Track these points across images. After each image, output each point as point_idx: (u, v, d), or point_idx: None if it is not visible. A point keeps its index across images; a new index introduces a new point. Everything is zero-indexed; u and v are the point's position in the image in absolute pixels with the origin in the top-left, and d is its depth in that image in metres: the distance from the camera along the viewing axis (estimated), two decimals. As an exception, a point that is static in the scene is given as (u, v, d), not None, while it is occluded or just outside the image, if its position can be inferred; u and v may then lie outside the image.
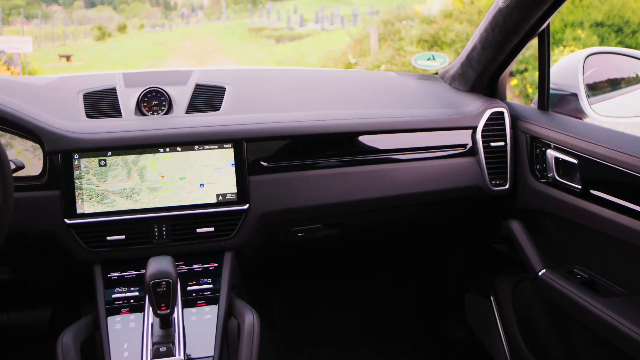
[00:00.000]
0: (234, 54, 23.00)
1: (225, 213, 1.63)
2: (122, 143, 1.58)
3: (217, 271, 1.62)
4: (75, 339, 1.41)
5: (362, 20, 20.68)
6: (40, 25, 32.51)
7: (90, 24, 39.15)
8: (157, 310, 1.35)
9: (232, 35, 32.17)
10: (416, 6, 12.61)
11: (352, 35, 13.81)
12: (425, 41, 10.53)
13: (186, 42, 29.56)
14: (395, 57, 10.27)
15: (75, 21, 40.35)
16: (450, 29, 10.37)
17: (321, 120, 1.73)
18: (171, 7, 60.84)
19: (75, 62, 20.82)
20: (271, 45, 25.90)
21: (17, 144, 1.59)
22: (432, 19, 11.26)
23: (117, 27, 38.52)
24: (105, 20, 42.78)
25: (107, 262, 1.61)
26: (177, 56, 23.06)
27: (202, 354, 1.41)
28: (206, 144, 1.62)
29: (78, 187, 1.56)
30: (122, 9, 56.46)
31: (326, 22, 32.07)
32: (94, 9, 54.49)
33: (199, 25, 44.85)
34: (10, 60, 10.23)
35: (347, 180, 1.75)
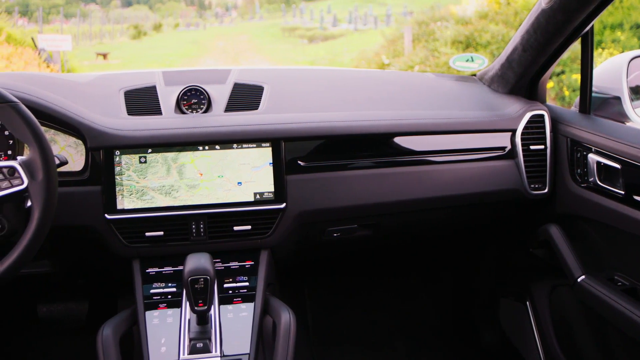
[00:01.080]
0: (266, 54, 23.11)
1: (262, 212, 1.64)
2: (162, 140, 1.60)
3: (253, 269, 1.63)
4: (114, 332, 1.43)
5: (396, 21, 20.56)
6: (79, 24, 33.15)
7: (127, 22, 39.77)
8: (194, 306, 1.37)
9: (265, 34, 32.34)
10: (451, 7, 12.51)
11: (385, 35, 13.75)
12: (460, 42, 10.42)
13: (220, 42, 29.80)
14: (429, 58, 10.19)
15: (112, 20, 41.05)
16: (486, 30, 10.24)
17: (359, 121, 1.73)
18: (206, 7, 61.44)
19: (112, 60, 21.17)
20: (304, 45, 25.96)
21: (61, 139, 1.62)
22: (467, 20, 11.14)
23: (152, 26, 39.07)
24: (141, 19, 43.40)
25: (146, 258, 1.63)
26: (210, 55, 23.27)
27: (238, 351, 1.42)
28: (245, 143, 1.64)
29: (119, 183, 1.59)
30: (158, 8, 57.22)
31: (359, 22, 32.00)
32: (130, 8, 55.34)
33: (232, 24, 45.22)
34: (50, 58, 10.47)
35: (383, 181, 1.75)
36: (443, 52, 10.09)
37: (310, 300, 2.53)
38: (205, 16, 53.75)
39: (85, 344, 2.28)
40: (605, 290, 1.58)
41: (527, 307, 2.13)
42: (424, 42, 11.20)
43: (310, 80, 2.00)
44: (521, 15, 10.31)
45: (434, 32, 11.22)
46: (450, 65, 2.25)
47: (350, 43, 21.84)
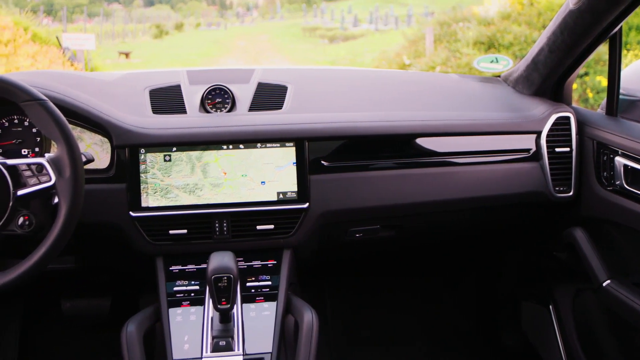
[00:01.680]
0: (287, 54, 23.16)
1: (285, 211, 1.65)
2: (187, 139, 1.61)
3: (276, 268, 1.63)
4: (138, 328, 1.44)
5: (417, 21, 20.46)
6: (102, 23, 33.51)
7: (149, 22, 40.10)
8: (217, 304, 1.38)
9: (285, 34, 32.40)
10: (473, 7, 12.42)
11: (407, 36, 13.69)
12: (482, 43, 10.34)
13: (241, 41, 29.92)
14: (451, 59, 10.12)
15: (134, 19, 41.43)
16: (508, 31, 10.15)
17: (383, 121, 1.73)
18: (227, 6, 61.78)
19: (134, 59, 21.35)
20: (324, 45, 25.96)
21: (87, 137, 1.64)
22: (489, 20, 11.05)
23: (174, 26, 39.35)
24: (163, 18, 43.74)
25: (169, 256, 1.65)
26: (231, 55, 23.38)
27: (260, 350, 1.42)
28: (269, 142, 1.64)
29: (143, 181, 1.61)
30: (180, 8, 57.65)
31: (380, 22, 31.92)
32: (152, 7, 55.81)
33: (253, 24, 45.38)
34: (74, 56, 10.60)
35: (406, 182, 1.75)
36: (465, 53, 10.02)
37: (331, 300, 2.53)
38: (227, 16, 54.00)
39: (107, 340, 2.31)
40: (631, 295, 1.56)
41: (549, 310, 2.11)
42: (446, 42, 11.13)
43: (334, 80, 2.00)
44: (544, 16, 10.20)
45: (455, 32, 11.15)
46: (474, 66, 2.23)
47: (371, 43, 21.80)
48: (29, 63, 8.63)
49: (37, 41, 9.96)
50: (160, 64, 19.80)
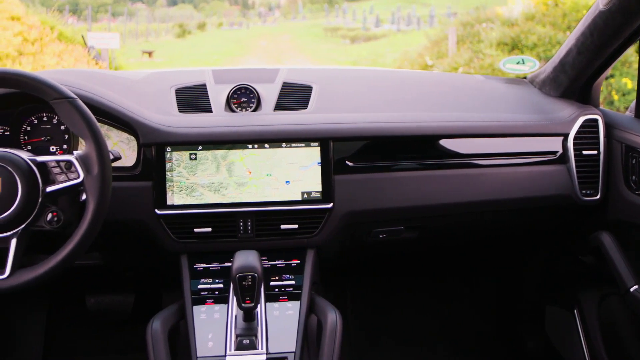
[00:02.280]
0: (309, 54, 23.19)
1: (309, 211, 1.65)
2: (212, 138, 1.62)
3: (299, 268, 1.64)
4: (163, 325, 1.46)
5: (439, 22, 20.36)
6: (126, 23, 33.86)
7: (172, 21, 40.44)
8: (241, 303, 1.39)
9: (307, 34, 32.46)
10: (497, 8, 12.32)
11: (429, 36, 13.63)
12: (505, 44, 10.25)
13: (262, 41, 30.04)
14: (474, 60, 10.05)
15: (157, 19, 41.82)
16: (532, 32, 10.04)
17: (408, 122, 1.72)
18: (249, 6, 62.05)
19: (157, 58, 21.53)
20: (346, 46, 25.96)
21: (114, 135, 1.66)
22: (513, 21, 10.95)
23: (196, 25, 39.64)
24: (186, 18, 44.05)
25: (193, 254, 1.66)
26: (253, 54, 23.47)
27: (283, 349, 1.43)
28: (294, 142, 1.64)
29: (169, 179, 1.62)
30: (202, 8, 58.02)
31: (402, 23, 31.82)
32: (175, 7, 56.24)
33: (275, 24, 45.52)
34: (99, 55, 10.72)
35: (431, 183, 1.74)
36: (488, 54, 9.95)
37: (352, 300, 2.53)
38: (249, 15, 54.23)
39: (130, 336, 2.33)
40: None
41: (574, 315, 2.08)
42: (469, 43, 11.05)
43: (359, 81, 2.00)
44: (570, 17, 10.08)
45: (478, 33, 11.07)
46: (500, 67, 2.22)
47: (393, 44, 21.75)
48: (55, 62, 8.75)
49: (63, 40, 10.09)
50: (183, 63, 19.95)
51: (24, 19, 9.53)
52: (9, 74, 1.36)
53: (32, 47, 8.97)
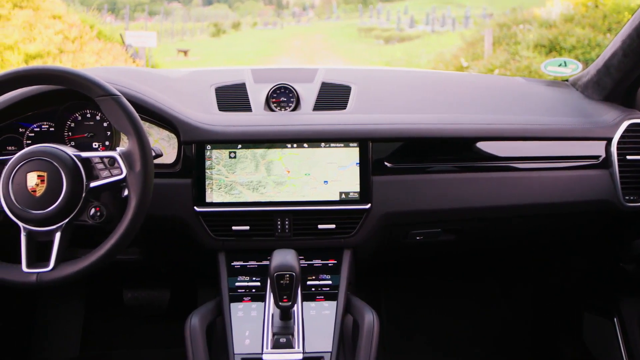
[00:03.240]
0: (342, 54, 23.17)
1: (347, 211, 1.65)
2: (252, 137, 1.63)
3: (336, 268, 1.63)
4: (201, 322, 1.47)
5: (475, 23, 20.16)
6: (162, 22, 34.32)
7: (207, 20, 40.83)
8: (279, 301, 1.39)
9: (341, 34, 32.43)
10: (534, 9, 12.14)
11: (465, 37, 13.51)
12: (543, 46, 10.11)
13: (296, 41, 30.11)
14: (510, 62, 9.93)
15: (193, 18, 42.28)
16: (571, 34, 9.87)
17: (449, 124, 1.71)
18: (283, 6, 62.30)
19: (192, 57, 21.76)
20: (380, 46, 25.85)
21: (155, 132, 1.68)
22: (551, 23, 10.79)
23: (231, 25, 39.96)
24: (221, 17, 44.43)
25: (231, 251, 1.67)
26: (287, 54, 23.56)
27: (320, 349, 1.43)
28: (333, 142, 1.64)
29: (208, 177, 1.63)
30: (237, 7, 58.42)
31: (436, 23, 31.56)
32: (210, 6, 56.75)
33: (309, 24, 45.61)
34: (136, 53, 10.91)
35: (470, 186, 1.72)
36: (525, 56, 9.81)
37: (386, 301, 2.52)
38: (283, 15, 54.45)
39: (165, 331, 2.36)
40: None
41: (614, 323, 2.04)
42: (505, 45, 10.93)
43: (397, 81, 1.99)
44: (610, 18, 9.88)
45: (515, 34, 10.93)
46: (542, 69, 2.18)
47: (427, 45, 21.58)
48: (94, 59, 8.92)
49: (102, 38, 10.28)
50: (217, 62, 20.12)
51: (64, 17, 9.75)
52: (57, 72, 1.39)
53: (72, 45, 9.17)
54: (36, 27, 8.97)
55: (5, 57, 7.88)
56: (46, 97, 1.65)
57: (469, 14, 29.32)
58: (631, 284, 1.97)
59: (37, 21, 9.10)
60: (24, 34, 8.59)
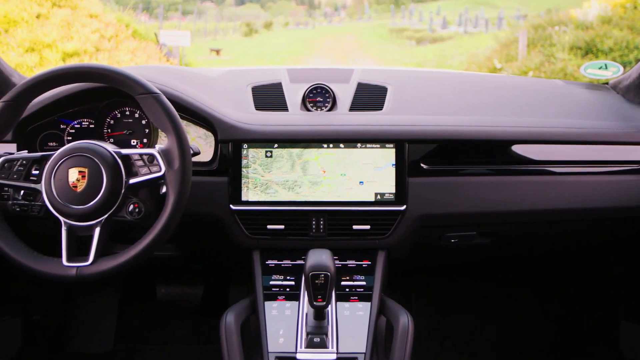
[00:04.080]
0: (373, 54, 23.11)
1: (382, 212, 1.64)
2: (289, 136, 1.64)
3: (370, 269, 1.63)
4: (236, 319, 1.48)
5: (508, 24, 19.91)
6: (195, 21, 34.66)
7: (239, 20, 41.09)
8: (313, 301, 1.39)
9: (372, 35, 32.33)
10: (570, 10, 11.94)
11: (499, 39, 13.34)
12: (579, 48, 9.93)
13: (328, 41, 30.11)
14: (545, 64, 9.78)
15: (225, 17, 42.60)
16: (609, 35, 9.69)
17: (486, 126, 1.69)
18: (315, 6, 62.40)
19: (224, 56, 21.91)
20: (411, 47, 25.70)
21: (192, 130, 1.70)
22: (587, 24, 10.60)
23: (263, 24, 40.15)
24: (253, 17, 44.67)
25: (265, 250, 1.68)
26: (318, 54, 23.58)
27: (353, 349, 1.42)
28: (369, 143, 1.64)
29: (244, 176, 1.64)
30: (269, 7, 58.68)
31: (469, 25, 31.25)
32: (243, 6, 57.13)
33: (341, 24, 45.58)
34: (170, 52, 11.04)
35: (506, 189, 1.70)
36: (560, 58, 9.66)
37: (418, 302, 2.50)
38: (315, 15, 54.52)
39: (197, 327, 2.39)
40: None
41: None
42: (540, 47, 10.76)
43: (433, 83, 1.97)
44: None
45: (550, 36, 10.75)
46: (581, 72, 2.14)
47: (460, 46, 21.38)
48: (129, 58, 9.05)
49: (137, 37, 10.43)
50: (249, 62, 20.23)
51: (101, 16, 9.92)
52: (100, 70, 1.42)
53: (108, 43, 9.32)
54: (74, 26, 9.14)
55: (43, 55, 8.04)
56: (87, 94, 1.68)
57: (503, 15, 28.95)
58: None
59: (75, 20, 9.28)
60: (62, 33, 8.76)
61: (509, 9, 31.10)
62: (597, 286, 2.30)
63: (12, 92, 1.42)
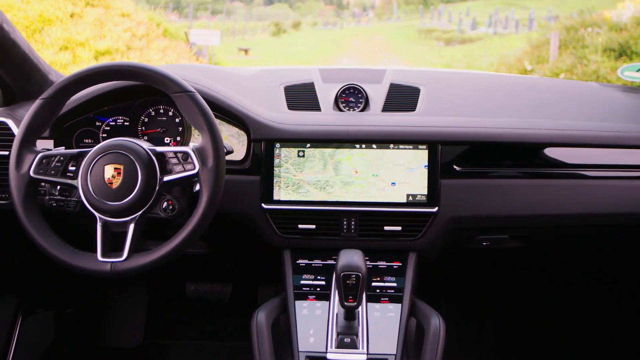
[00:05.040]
0: (402, 55, 23.01)
1: (414, 214, 1.64)
2: (321, 136, 1.64)
3: (401, 270, 1.63)
4: (267, 318, 1.48)
5: (539, 25, 19.65)
6: (224, 20, 34.92)
7: (268, 20, 41.30)
8: (344, 302, 1.39)
9: (401, 35, 32.21)
10: (604, 12, 11.73)
11: (531, 40, 13.17)
12: (612, 50, 9.76)
13: (356, 41, 30.07)
14: (577, 66, 9.62)
15: (254, 17, 42.86)
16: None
17: (521, 129, 1.67)
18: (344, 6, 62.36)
19: (252, 55, 22.02)
20: (440, 48, 25.52)
21: (225, 129, 1.71)
22: (622, 26, 10.40)
23: (292, 24, 40.29)
24: (282, 17, 44.85)
25: (296, 249, 1.68)
26: (346, 54, 23.56)
27: (384, 351, 1.42)
28: (401, 144, 1.63)
29: (277, 175, 1.65)
30: (298, 7, 58.83)
31: (499, 26, 30.92)
32: (271, 6, 57.35)
33: (369, 24, 45.49)
34: (200, 51, 11.14)
35: (540, 192, 1.68)
36: (593, 60, 9.50)
37: (446, 305, 2.49)
38: (343, 16, 54.48)
39: (226, 325, 2.40)
40: None
41: None
42: (572, 48, 10.60)
43: (466, 84, 1.96)
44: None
45: (583, 38, 10.59)
46: (618, 74, 2.11)
47: (489, 47, 21.16)
48: (159, 57, 9.16)
49: (167, 36, 10.54)
50: (277, 61, 20.31)
51: (133, 15, 10.04)
52: (137, 68, 1.43)
53: (139, 42, 9.44)
54: (106, 25, 9.28)
55: (77, 53, 8.17)
56: (122, 92, 1.70)
57: (533, 16, 28.60)
58: None
59: (107, 19, 9.41)
60: (95, 31, 8.90)
61: (540, 10, 30.71)
62: (630, 293, 2.26)
63: (51, 89, 1.44)
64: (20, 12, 7.70)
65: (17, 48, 1.72)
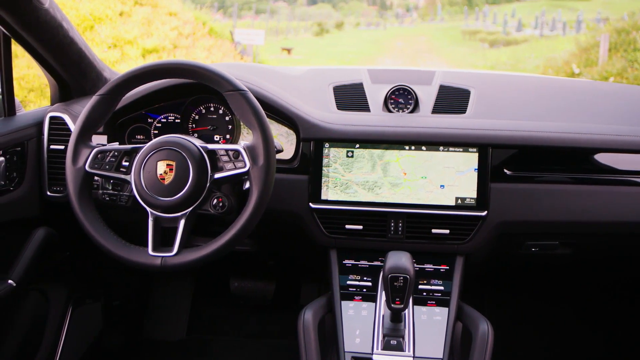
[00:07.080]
0: (445, 56, 22.79)
1: (462, 217, 1.62)
2: (370, 137, 1.63)
3: (448, 274, 1.61)
4: (314, 317, 1.49)
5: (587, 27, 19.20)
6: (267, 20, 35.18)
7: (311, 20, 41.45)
8: (391, 303, 1.38)
9: (444, 37, 31.91)
10: (657, 14, 11.41)
11: (578, 42, 12.87)
12: (665, 54, 9.48)
13: (398, 42, 29.92)
14: (627, 70, 9.37)
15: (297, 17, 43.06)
16: (699, 41, 9.21)
17: (574, 133, 1.63)
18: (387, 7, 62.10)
19: (295, 55, 22.13)
20: (484, 50, 25.17)
21: (274, 128, 1.72)
22: (675, 29, 10.10)
23: (334, 24, 40.33)
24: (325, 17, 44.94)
25: (342, 249, 1.68)
26: (388, 55, 23.46)
27: (430, 355, 1.41)
28: (451, 146, 1.62)
29: (325, 175, 1.65)
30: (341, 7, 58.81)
31: (545, 28, 30.32)
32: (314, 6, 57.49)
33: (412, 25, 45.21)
34: (244, 50, 11.26)
35: (591, 198, 1.64)
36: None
37: (490, 311, 2.45)
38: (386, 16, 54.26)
39: (269, 322, 2.42)
40: None
41: None
42: (622, 51, 10.32)
43: (516, 87, 1.93)
44: None
45: (634, 41, 10.30)
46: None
47: (535, 49, 20.77)
48: (205, 55, 9.28)
49: (212, 35, 10.68)
50: (320, 61, 20.36)
51: (179, 14, 10.21)
52: (190, 66, 1.45)
53: (185, 40, 9.58)
54: (153, 23, 9.45)
55: (125, 51, 8.34)
56: (174, 90, 1.73)
57: (581, 18, 27.94)
58: None
59: (155, 18, 9.59)
60: (143, 30, 9.07)
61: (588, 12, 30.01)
62: None
63: (107, 86, 1.47)
64: (72, 10, 7.90)
65: (75, 45, 1.76)
